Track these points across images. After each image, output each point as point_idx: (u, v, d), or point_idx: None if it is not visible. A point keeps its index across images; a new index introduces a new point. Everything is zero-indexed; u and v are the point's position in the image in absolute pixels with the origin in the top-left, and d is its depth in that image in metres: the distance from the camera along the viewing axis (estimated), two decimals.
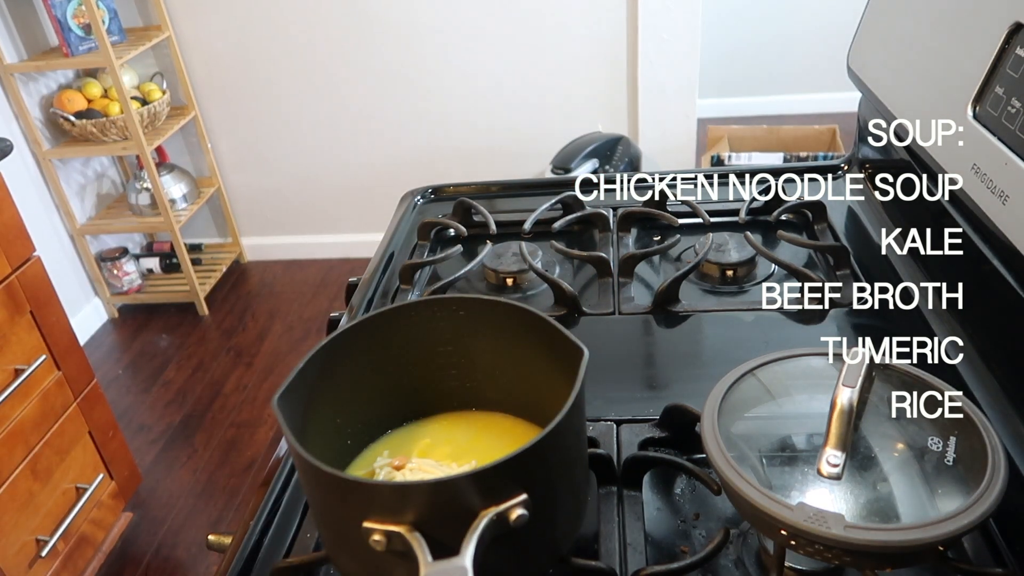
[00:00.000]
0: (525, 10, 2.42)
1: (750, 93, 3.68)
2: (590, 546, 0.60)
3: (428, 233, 1.07)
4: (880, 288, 0.77)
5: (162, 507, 1.98)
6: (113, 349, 2.63)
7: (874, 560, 0.48)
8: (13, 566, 1.51)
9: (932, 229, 0.84)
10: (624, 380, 0.77)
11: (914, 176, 0.84)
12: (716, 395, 0.56)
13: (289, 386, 0.55)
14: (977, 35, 0.69)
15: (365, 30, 2.51)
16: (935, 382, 0.55)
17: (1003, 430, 0.64)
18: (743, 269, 0.92)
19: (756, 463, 0.52)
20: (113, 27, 2.42)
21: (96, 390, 1.76)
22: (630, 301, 0.89)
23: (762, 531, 0.53)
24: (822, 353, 0.60)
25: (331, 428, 0.61)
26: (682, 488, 0.65)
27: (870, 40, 0.97)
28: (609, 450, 0.67)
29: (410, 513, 0.46)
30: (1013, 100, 0.62)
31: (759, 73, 3.64)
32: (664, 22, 2.35)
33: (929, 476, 0.50)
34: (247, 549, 0.64)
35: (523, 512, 0.47)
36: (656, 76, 2.44)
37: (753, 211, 1.01)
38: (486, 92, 2.56)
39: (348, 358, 0.61)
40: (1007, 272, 0.66)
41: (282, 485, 0.70)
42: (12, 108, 2.39)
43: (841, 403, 0.50)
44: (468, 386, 0.66)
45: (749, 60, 3.60)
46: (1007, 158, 0.61)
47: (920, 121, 0.79)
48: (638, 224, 1.04)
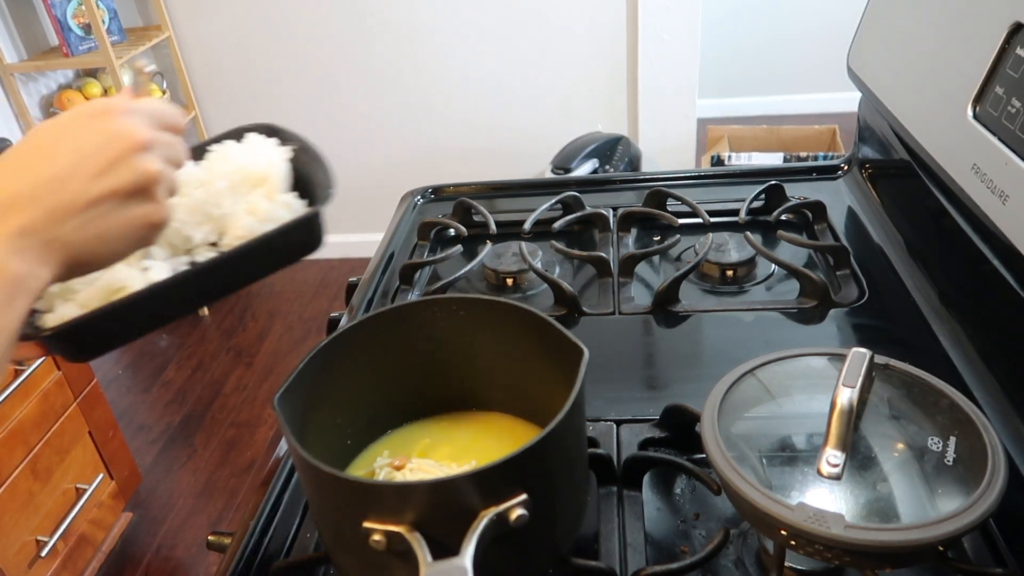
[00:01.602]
0: (525, 10, 2.42)
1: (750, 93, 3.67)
2: (590, 546, 0.60)
3: (428, 233, 1.07)
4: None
5: (162, 507, 1.98)
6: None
7: (874, 560, 0.48)
8: (13, 566, 1.51)
9: (932, 229, 0.84)
10: (624, 380, 0.77)
11: (914, 176, 0.85)
12: (716, 395, 0.56)
13: (289, 386, 0.55)
14: (977, 35, 0.69)
15: (365, 30, 2.51)
16: (935, 382, 0.55)
17: (1003, 430, 0.64)
18: (743, 269, 0.92)
19: (756, 463, 0.52)
20: (113, 27, 2.42)
21: (96, 390, 1.76)
22: (630, 301, 0.89)
23: (762, 531, 0.53)
24: (822, 353, 0.60)
25: (331, 428, 0.61)
26: (682, 488, 0.65)
27: (870, 40, 0.97)
28: (609, 450, 0.67)
29: (410, 513, 0.46)
30: (1013, 100, 0.62)
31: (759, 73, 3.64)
32: (664, 22, 2.35)
33: (929, 476, 0.50)
34: (247, 549, 0.64)
35: (523, 512, 0.47)
36: (656, 76, 2.44)
37: (753, 211, 1.01)
38: (486, 92, 2.56)
39: (348, 358, 0.61)
40: (1007, 272, 0.66)
41: (282, 485, 0.70)
42: (12, 108, 2.39)
43: (841, 403, 0.50)
44: (468, 386, 0.66)
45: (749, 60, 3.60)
46: (1007, 158, 0.61)
47: (920, 121, 0.79)
48: (638, 224, 1.04)
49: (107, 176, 0.43)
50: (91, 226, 0.43)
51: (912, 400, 0.55)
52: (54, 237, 0.42)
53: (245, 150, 0.62)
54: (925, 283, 0.83)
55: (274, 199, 0.59)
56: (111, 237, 0.44)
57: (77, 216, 0.43)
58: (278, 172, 0.60)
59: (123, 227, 0.45)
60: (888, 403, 0.55)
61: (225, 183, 0.58)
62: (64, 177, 0.42)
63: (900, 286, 0.85)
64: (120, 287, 0.51)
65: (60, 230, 0.42)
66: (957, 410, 0.53)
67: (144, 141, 0.45)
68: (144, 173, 0.44)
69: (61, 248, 0.42)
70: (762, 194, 1.02)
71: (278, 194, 0.59)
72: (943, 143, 0.73)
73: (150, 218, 0.46)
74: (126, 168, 0.44)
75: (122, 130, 0.45)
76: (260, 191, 0.59)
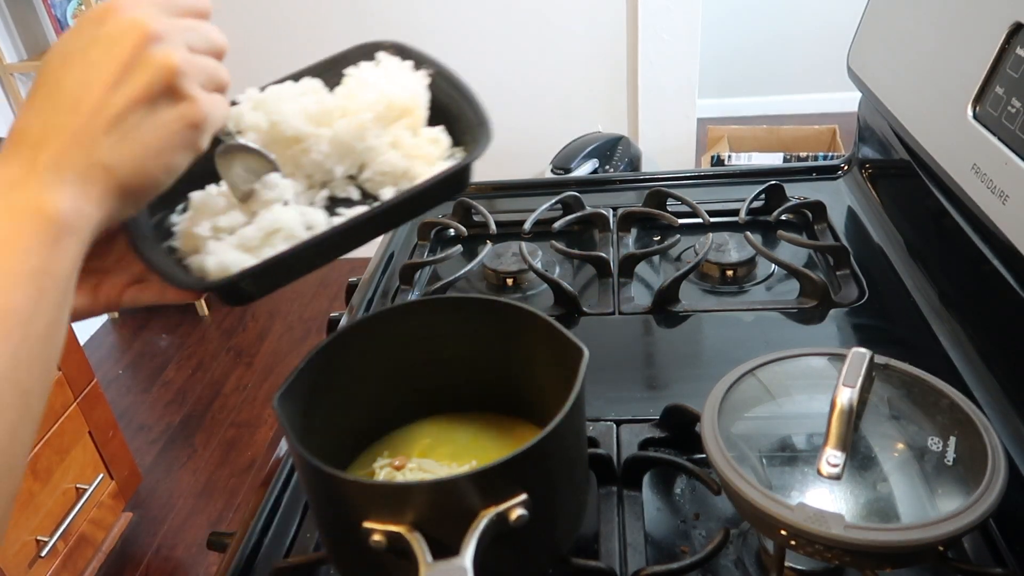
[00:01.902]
0: (525, 10, 2.42)
1: (750, 93, 3.67)
2: (590, 546, 0.60)
3: (428, 233, 1.07)
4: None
5: (162, 507, 1.98)
6: (113, 349, 2.63)
7: (874, 560, 0.48)
8: (13, 566, 1.51)
9: (932, 229, 0.84)
10: (624, 380, 0.77)
11: (914, 176, 0.85)
12: (716, 395, 0.56)
13: (289, 386, 0.55)
14: (977, 35, 0.69)
15: (365, 30, 2.50)
16: (935, 382, 0.55)
17: (1003, 430, 0.64)
18: (743, 269, 0.92)
19: (756, 463, 0.52)
20: None
21: (96, 390, 1.76)
22: (630, 301, 0.89)
23: (762, 531, 0.53)
24: (822, 353, 0.60)
25: (331, 428, 0.61)
26: (682, 488, 0.65)
27: (870, 40, 0.97)
28: (609, 450, 0.67)
29: (410, 513, 0.46)
30: (1013, 100, 0.62)
31: (759, 73, 3.64)
32: (664, 22, 2.35)
33: (929, 476, 0.50)
34: (247, 549, 0.64)
35: (523, 512, 0.47)
36: (656, 76, 2.44)
37: (753, 211, 1.01)
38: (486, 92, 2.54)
39: (348, 358, 0.61)
40: (1007, 272, 0.66)
41: (282, 485, 0.70)
42: (12, 108, 2.39)
43: (841, 403, 0.50)
44: (468, 386, 0.66)
45: (749, 60, 3.60)
46: (1007, 158, 0.61)
47: (920, 121, 0.79)
48: (638, 224, 1.04)
49: (123, 83, 0.38)
50: (127, 142, 0.39)
51: (912, 400, 0.55)
52: (90, 164, 0.38)
53: (383, 75, 0.57)
54: (925, 283, 0.83)
55: (419, 133, 0.56)
56: (153, 149, 0.39)
57: (107, 135, 0.38)
58: (422, 103, 0.56)
59: (162, 135, 0.39)
60: (888, 403, 0.55)
61: (370, 115, 0.55)
62: (79, 96, 0.38)
63: (900, 286, 0.85)
64: (277, 227, 0.49)
65: (95, 155, 0.38)
66: (957, 410, 0.53)
67: (152, 32, 0.39)
68: (161, 68, 0.39)
69: (104, 175, 0.38)
70: (762, 194, 1.02)
71: (422, 127, 0.56)
72: (943, 143, 0.73)
73: (187, 118, 0.40)
74: (140, 68, 0.38)
75: (125, 26, 0.39)
76: (404, 122, 0.56)
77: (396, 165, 0.54)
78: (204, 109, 0.41)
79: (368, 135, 0.55)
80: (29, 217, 0.36)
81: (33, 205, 0.36)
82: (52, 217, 0.36)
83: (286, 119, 0.56)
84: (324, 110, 0.55)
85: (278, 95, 0.58)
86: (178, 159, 0.41)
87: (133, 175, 0.39)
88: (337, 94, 0.57)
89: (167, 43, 0.39)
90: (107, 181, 0.38)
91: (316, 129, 0.55)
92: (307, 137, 0.56)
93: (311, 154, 0.55)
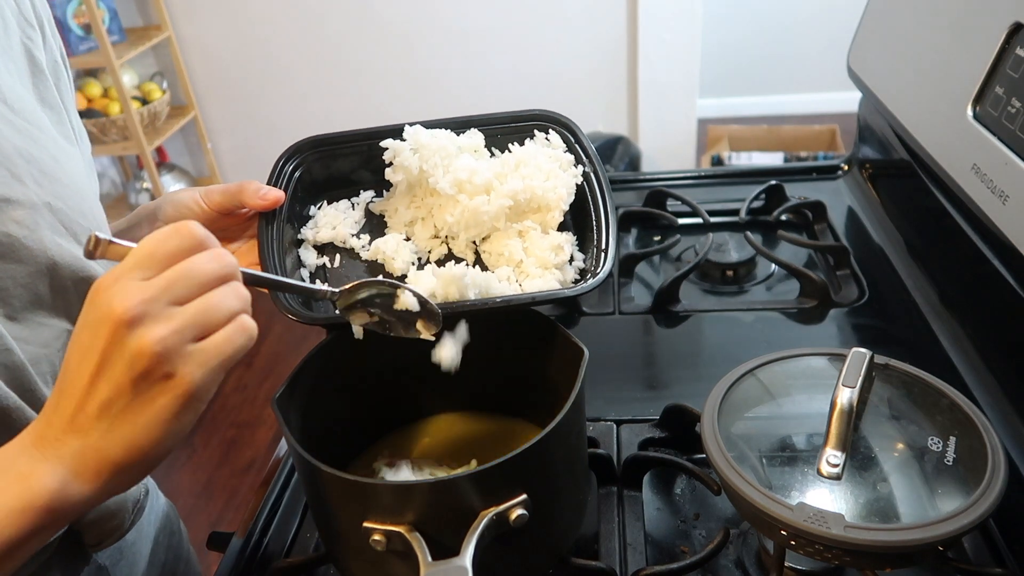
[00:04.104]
0: (525, 10, 2.42)
1: (750, 93, 3.67)
2: (590, 546, 0.60)
3: None
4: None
5: None
6: None
7: (874, 560, 0.48)
8: None
9: (932, 229, 0.84)
10: (624, 380, 0.77)
11: (914, 176, 0.84)
12: (716, 395, 0.56)
13: (289, 386, 0.55)
14: (977, 35, 0.69)
15: (365, 30, 2.51)
16: (935, 382, 0.55)
17: (1003, 430, 0.64)
18: (743, 269, 0.92)
19: (756, 463, 0.52)
20: (113, 27, 2.42)
21: None
22: (630, 301, 0.89)
23: (762, 531, 0.53)
24: (822, 353, 0.60)
25: (331, 428, 0.61)
26: (682, 488, 0.65)
27: (870, 40, 0.96)
28: (609, 450, 0.67)
29: (410, 513, 0.46)
30: (1013, 100, 0.62)
31: (759, 73, 3.63)
32: (664, 22, 2.35)
33: (929, 476, 0.50)
34: (247, 549, 0.64)
35: (523, 512, 0.47)
36: (656, 76, 2.44)
37: (753, 211, 1.01)
38: (486, 92, 2.56)
39: (347, 358, 0.61)
40: (1007, 272, 0.66)
41: (282, 485, 0.70)
42: None
43: (841, 403, 0.50)
44: (468, 386, 0.66)
45: (749, 60, 3.60)
46: (1007, 158, 0.61)
47: (920, 121, 0.79)
48: (638, 224, 1.04)
49: (105, 372, 0.38)
50: (116, 426, 0.39)
51: (912, 400, 0.55)
52: (84, 445, 0.39)
53: (542, 162, 0.61)
54: (925, 283, 0.83)
55: (547, 232, 0.60)
56: (143, 429, 0.39)
57: (98, 420, 0.39)
58: (562, 207, 0.60)
59: (150, 415, 0.39)
60: (888, 403, 0.55)
61: (511, 202, 0.59)
62: (73, 382, 0.39)
63: (900, 286, 0.85)
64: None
65: (88, 439, 0.39)
66: (957, 410, 0.53)
67: (126, 316, 0.38)
68: (137, 356, 0.38)
69: (96, 456, 0.39)
70: (762, 194, 1.02)
71: (552, 229, 0.60)
72: (943, 143, 0.73)
73: (173, 394, 0.39)
74: (117, 357, 0.38)
75: (102, 312, 0.38)
76: (537, 217, 0.60)
77: (514, 253, 0.59)
78: (189, 382, 0.39)
79: (502, 220, 0.59)
80: (17, 482, 0.39)
81: (25, 470, 0.39)
82: (36, 491, 0.38)
83: (436, 175, 0.60)
84: (471, 181, 0.59)
85: (439, 146, 0.61)
86: (173, 430, 0.40)
87: (126, 454, 0.40)
88: (492, 164, 0.61)
89: (144, 323, 0.38)
90: (100, 462, 0.40)
91: (457, 194, 0.59)
92: (447, 200, 0.60)
93: (444, 214, 0.60)
